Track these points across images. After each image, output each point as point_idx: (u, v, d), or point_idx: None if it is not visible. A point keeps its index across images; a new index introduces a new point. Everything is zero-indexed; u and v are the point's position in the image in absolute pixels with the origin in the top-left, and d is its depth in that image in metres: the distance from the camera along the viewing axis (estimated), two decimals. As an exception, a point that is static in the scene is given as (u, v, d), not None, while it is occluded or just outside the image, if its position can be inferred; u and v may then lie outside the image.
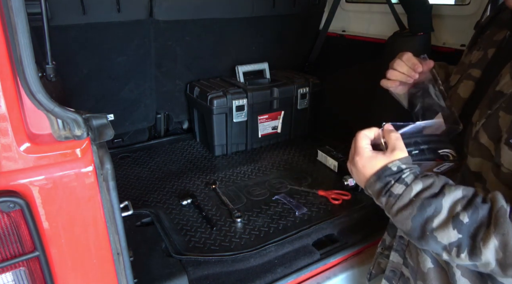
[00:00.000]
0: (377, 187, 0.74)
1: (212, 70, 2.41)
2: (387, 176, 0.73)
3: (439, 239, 0.68)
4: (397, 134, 0.77)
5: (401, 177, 0.72)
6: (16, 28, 0.63)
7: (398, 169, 0.73)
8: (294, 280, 1.40)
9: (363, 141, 0.78)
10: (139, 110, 2.27)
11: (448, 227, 0.67)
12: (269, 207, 1.74)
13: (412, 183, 0.71)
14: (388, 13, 2.18)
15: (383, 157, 0.75)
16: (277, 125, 2.38)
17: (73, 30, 1.83)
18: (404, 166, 0.73)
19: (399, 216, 0.72)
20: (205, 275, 1.35)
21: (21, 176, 0.72)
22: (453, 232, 0.66)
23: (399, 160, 0.73)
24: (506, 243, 0.62)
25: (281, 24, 2.45)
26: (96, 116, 0.78)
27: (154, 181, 1.98)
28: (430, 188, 0.70)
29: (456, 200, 0.68)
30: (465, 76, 0.91)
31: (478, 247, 0.65)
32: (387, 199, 0.73)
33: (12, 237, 0.74)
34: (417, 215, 0.69)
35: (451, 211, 0.68)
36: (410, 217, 0.70)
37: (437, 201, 0.69)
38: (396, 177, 0.72)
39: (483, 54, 0.90)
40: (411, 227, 0.71)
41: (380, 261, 1.17)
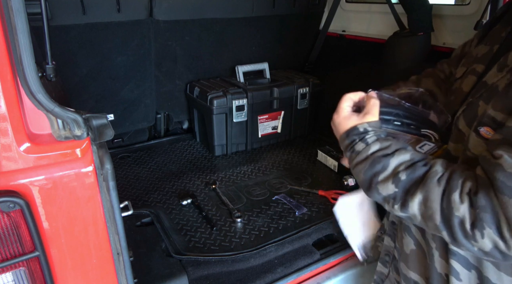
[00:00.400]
0: (345, 143, 0.86)
1: (212, 70, 2.41)
2: (354, 135, 0.84)
3: (380, 191, 0.79)
4: (376, 101, 0.87)
5: (364, 138, 0.83)
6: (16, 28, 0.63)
7: (364, 131, 0.83)
8: (294, 280, 1.40)
9: (345, 103, 0.90)
10: (139, 110, 2.27)
11: (388, 182, 0.78)
12: (269, 207, 1.74)
13: (371, 144, 0.82)
14: (388, 13, 2.18)
15: (356, 118, 0.86)
16: (277, 125, 2.37)
17: (73, 30, 1.83)
18: (370, 128, 0.83)
19: (355, 169, 0.84)
20: (205, 275, 1.35)
21: (21, 176, 0.72)
22: (391, 186, 0.77)
23: (367, 123, 0.84)
24: (427, 198, 0.72)
25: (281, 24, 2.45)
26: (96, 116, 0.78)
27: (154, 181, 1.98)
28: (385, 149, 0.80)
29: (402, 162, 0.78)
30: (470, 71, 0.93)
31: (407, 200, 0.75)
32: (350, 154, 0.85)
33: (12, 237, 0.74)
34: (367, 170, 0.81)
35: (394, 170, 0.78)
36: (363, 171, 0.82)
37: (386, 160, 0.79)
38: (360, 136, 0.83)
39: (488, 49, 0.91)
40: (363, 179, 0.82)
41: (378, 244, 1.21)
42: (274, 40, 2.51)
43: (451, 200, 0.70)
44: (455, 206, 0.69)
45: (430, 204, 0.72)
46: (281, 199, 1.79)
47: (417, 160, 0.78)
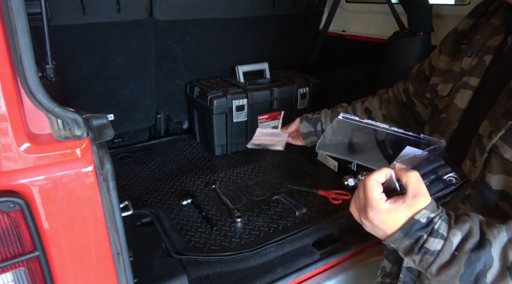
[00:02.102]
0: (406, 244, 0.65)
1: (212, 70, 2.41)
2: (417, 231, 0.64)
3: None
4: (416, 174, 0.67)
5: (433, 229, 0.63)
6: (16, 28, 0.63)
7: (428, 220, 0.63)
8: (294, 280, 1.40)
9: (375, 191, 0.68)
10: (139, 110, 2.27)
11: (505, 279, 0.60)
12: (269, 207, 1.74)
13: (449, 235, 0.63)
14: (388, 13, 2.18)
15: (405, 207, 0.65)
16: (277, 125, 2.37)
17: (73, 30, 1.83)
18: (433, 215, 0.64)
19: (442, 275, 0.63)
20: (205, 275, 1.35)
21: (21, 176, 0.72)
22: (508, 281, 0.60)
23: (425, 209, 0.64)
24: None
25: (281, 24, 2.45)
26: (96, 116, 0.78)
27: (154, 181, 1.98)
28: (471, 237, 0.62)
29: (505, 245, 0.61)
30: (461, 85, 0.87)
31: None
32: (421, 257, 0.64)
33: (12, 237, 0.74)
34: (465, 273, 0.61)
35: (504, 260, 0.60)
36: (458, 276, 0.62)
37: (485, 252, 0.60)
38: (428, 230, 0.63)
39: (477, 61, 0.86)
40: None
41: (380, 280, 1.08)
42: (274, 40, 2.51)
43: None
44: None
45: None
46: (281, 199, 1.79)
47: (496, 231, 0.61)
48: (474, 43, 0.90)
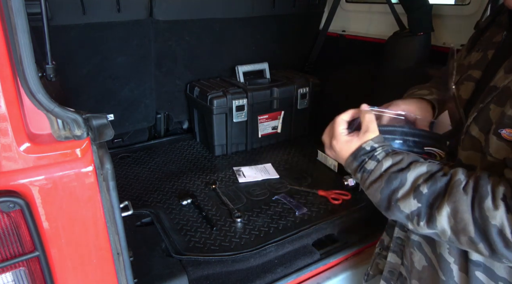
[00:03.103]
0: (354, 165, 0.83)
1: (212, 70, 2.41)
2: (362, 155, 0.81)
3: (401, 208, 0.75)
4: (371, 116, 0.84)
5: (373, 155, 0.80)
6: (16, 28, 0.63)
7: (371, 148, 0.81)
8: (294, 280, 1.40)
9: (340, 126, 0.87)
10: (139, 110, 2.27)
11: (410, 198, 0.74)
12: (269, 207, 1.74)
13: (383, 160, 0.79)
14: (388, 13, 2.18)
15: (357, 139, 0.83)
16: (277, 125, 2.37)
17: (73, 30, 1.83)
18: (376, 145, 0.81)
19: (370, 189, 0.80)
20: (205, 275, 1.35)
21: (21, 176, 0.72)
22: (414, 201, 0.73)
23: (371, 140, 0.81)
24: (456, 210, 0.68)
25: (281, 24, 2.45)
26: (96, 116, 0.78)
27: (154, 181, 1.98)
28: (398, 164, 0.77)
29: (420, 175, 0.75)
30: (466, 77, 0.92)
31: (433, 215, 0.71)
32: (361, 175, 0.82)
33: (12, 237, 0.74)
34: (384, 188, 0.77)
35: (414, 184, 0.74)
36: (379, 190, 0.78)
37: (402, 175, 0.76)
38: (369, 155, 0.81)
39: (482, 55, 0.91)
40: (380, 199, 0.78)
41: (378, 262, 1.17)
42: (274, 40, 2.51)
43: (484, 208, 0.65)
44: (490, 214, 0.65)
45: (461, 215, 0.68)
46: (281, 199, 1.79)
47: (435, 171, 0.75)
48: (484, 39, 0.95)
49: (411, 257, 0.97)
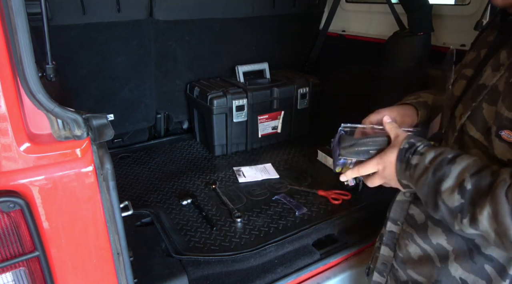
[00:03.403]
0: (402, 167, 0.80)
1: (212, 70, 2.41)
2: (403, 156, 0.80)
3: (446, 202, 0.72)
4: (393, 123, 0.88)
5: (415, 150, 0.79)
6: (16, 28, 0.63)
7: (410, 145, 0.80)
8: (294, 280, 1.40)
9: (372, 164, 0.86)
10: (139, 110, 2.27)
11: (454, 192, 0.70)
12: (269, 207, 1.74)
13: (425, 152, 0.77)
14: (388, 13, 2.18)
15: (391, 148, 0.82)
16: (277, 125, 2.37)
17: (73, 30, 1.83)
18: (413, 140, 0.80)
19: (418, 185, 0.76)
20: (205, 275, 1.35)
21: (21, 176, 0.72)
22: (457, 196, 0.70)
23: (405, 139, 0.81)
24: (497, 212, 0.64)
25: (281, 24, 2.45)
26: (96, 116, 0.78)
27: (154, 181, 1.98)
28: (442, 155, 0.75)
29: (464, 168, 0.71)
30: (460, 76, 0.94)
31: (476, 214, 0.67)
32: (409, 173, 0.78)
33: (12, 237, 0.74)
34: (430, 180, 0.74)
35: (459, 178, 0.71)
36: (426, 183, 0.75)
37: (447, 167, 0.73)
38: (411, 151, 0.79)
39: (476, 54, 0.92)
40: (427, 193, 0.75)
41: (377, 255, 1.19)
42: (274, 40, 2.51)
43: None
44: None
45: (502, 219, 0.64)
46: (281, 199, 1.79)
47: (481, 166, 0.71)
48: (481, 39, 0.96)
49: (407, 248, 0.97)
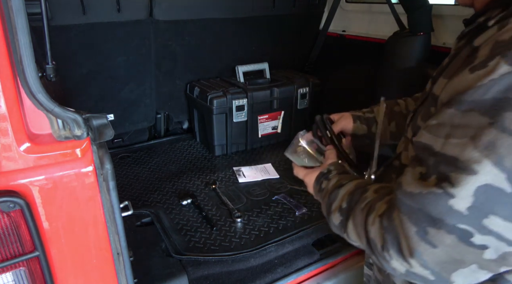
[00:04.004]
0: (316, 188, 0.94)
1: (212, 70, 2.41)
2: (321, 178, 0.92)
3: (333, 221, 0.82)
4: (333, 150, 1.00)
5: (328, 176, 0.90)
6: (16, 28, 0.63)
7: (328, 171, 0.92)
8: (294, 280, 1.40)
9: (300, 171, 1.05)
10: (139, 110, 2.27)
11: (337, 211, 0.80)
12: (269, 207, 1.74)
13: (331, 178, 0.89)
14: (388, 13, 2.18)
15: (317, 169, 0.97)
16: (277, 125, 2.37)
17: (73, 30, 1.83)
18: (332, 167, 0.92)
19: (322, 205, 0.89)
20: (205, 275, 1.35)
21: (21, 176, 0.72)
22: (338, 214, 0.80)
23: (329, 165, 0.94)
24: (356, 224, 0.73)
25: (281, 24, 2.45)
26: (96, 116, 0.78)
27: (154, 181, 1.98)
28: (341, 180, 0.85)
29: (347, 190, 0.81)
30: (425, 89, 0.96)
31: (347, 227, 0.77)
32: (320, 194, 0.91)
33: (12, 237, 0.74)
34: (327, 203, 0.85)
35: (341, 199, 0.80)
36: (325, 205, 0.86)
37: (337, 190, 0.83)
38: (325, 176, 0.91)
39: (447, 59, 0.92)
40: (326, 213, 0.86)
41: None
42: (274, 40, 2.51)
43: (367, 223, 0.69)
44: (368, 228, 0.68)
45: (357, 229, 0.72)
46: (281, 199, 1.79)
47: (358, 187, 0.79)
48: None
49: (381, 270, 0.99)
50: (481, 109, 0.54)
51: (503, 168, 0.52)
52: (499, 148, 0.52)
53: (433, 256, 0.59)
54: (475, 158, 0.54)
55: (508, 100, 0.52)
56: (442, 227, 0.57)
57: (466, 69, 0.59)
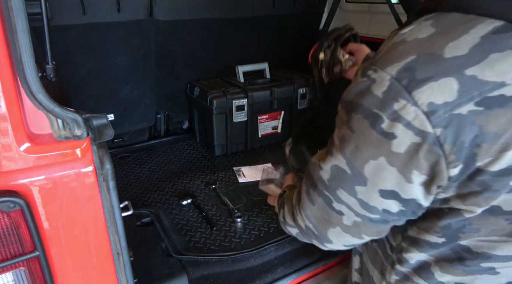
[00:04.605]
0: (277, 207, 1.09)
1: (212, 70, 2.41)
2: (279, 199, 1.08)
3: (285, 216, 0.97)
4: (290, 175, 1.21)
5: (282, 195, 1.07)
6: (16, 28, 0.63)
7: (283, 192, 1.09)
8: (294, 280, 1.40)
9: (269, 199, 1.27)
10: (139, 110, 2.27)
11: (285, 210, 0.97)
12: (269, 207, 1.73)
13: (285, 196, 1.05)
14: (388, 13, 2.18)
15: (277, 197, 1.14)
16: (277, 125, 2.37)
17: (73, 30, 1.83)
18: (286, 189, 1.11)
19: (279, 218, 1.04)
20: (205, 275, 1.35)
21: (21, 176, 0.72)
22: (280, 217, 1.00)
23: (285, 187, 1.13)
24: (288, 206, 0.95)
25: (281, 24, 2.45)
26: (96, 116, 0.78)
27: (154, 181, 1.98)
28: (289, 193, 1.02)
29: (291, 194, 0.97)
30: None
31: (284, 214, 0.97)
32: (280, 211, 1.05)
33: (12, 237, 0.74)
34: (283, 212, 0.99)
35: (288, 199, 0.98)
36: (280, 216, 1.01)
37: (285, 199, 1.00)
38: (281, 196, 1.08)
39: None
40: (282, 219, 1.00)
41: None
42: (274, 40, 2.51)
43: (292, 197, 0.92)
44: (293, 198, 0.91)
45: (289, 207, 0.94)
46: (281, 199, 1.79)
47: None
48: None
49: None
50: (344, 108, 0.67)
51: (344, 155, 0.67)
52: (345, 140, 0.66)
53: (312, 212, 0.79)
54: (335, 145, 0.70)
55: (354, 104, 0.64)
56: (316, 190, 0.76)
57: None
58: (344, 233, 0.76)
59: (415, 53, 0.57)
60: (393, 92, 0.58)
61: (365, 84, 0.62)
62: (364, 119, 0.62)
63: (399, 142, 0.59)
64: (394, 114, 0.58)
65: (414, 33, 0.60)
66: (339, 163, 0.68)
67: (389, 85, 0.58)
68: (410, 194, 0.64)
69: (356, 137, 0.64)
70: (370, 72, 0.62)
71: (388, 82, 0.58)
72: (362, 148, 0.64)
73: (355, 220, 0.72)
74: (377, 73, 0.61)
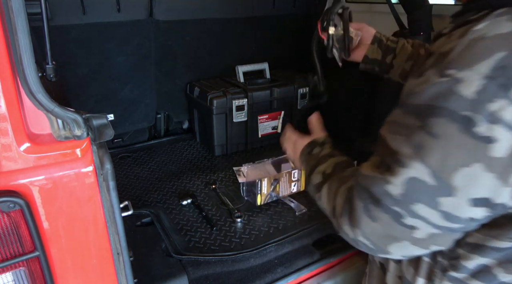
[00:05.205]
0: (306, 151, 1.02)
1: (212, 70, 2.41)
2: (314, 144, 1.01)
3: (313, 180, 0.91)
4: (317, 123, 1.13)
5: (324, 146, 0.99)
6: (16, 28, 0.63)
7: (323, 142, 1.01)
8: (294, 280, 1.40)
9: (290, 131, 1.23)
10: (139, 110, 2.27)
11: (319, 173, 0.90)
12: (269, 207, 1.74)
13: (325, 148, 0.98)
14: (388, 13, 2.18)
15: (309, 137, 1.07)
16: (277, 125, 2.37)
17: (73, 30, 1.83)
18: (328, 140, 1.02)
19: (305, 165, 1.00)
20: (205, 275, 1.35)
21: (21, 176, 0.72)
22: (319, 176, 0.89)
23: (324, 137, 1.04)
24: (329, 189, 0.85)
25: (281, 24, 2.44)
26: (96, 116, 0.78)
27: (154, 181, 1.98)
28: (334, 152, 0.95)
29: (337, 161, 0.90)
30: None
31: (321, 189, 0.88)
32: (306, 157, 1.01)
33: (12, 237, 0.74)
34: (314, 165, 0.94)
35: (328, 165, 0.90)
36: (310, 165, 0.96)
37: (328, 158, 0.92)
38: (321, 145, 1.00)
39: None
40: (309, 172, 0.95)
41: None
42: (274, 40, 2.51)
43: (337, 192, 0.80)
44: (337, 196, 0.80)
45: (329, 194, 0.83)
46: (281, 199, 1.79)
47: (347, 162, 0.89)
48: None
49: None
50: (415, 113, 0.62)
51: (426, 164, 0.60)
52: (425, 148, 0.60)
53: (372, 229, 0.69)
54: (407, 154, 0.62)
55: (433, 107, 0.59)
56: (380, 206, 0.66)
57: (416, 73, 0.66)
58: (411, 246, 0.69)
59: (506, 49, 0.54)
60: (487, 92, 0.54)
61: (446, 84, 0.58)
62: (450, 123, 0.57)
63: (499, 145, 0.55)
64: (491, 116, 0.54)
65: (493, 29, 0.57)
66: (418, 175, 0.61)
67: (482, 85, 0.54)
68: (502, 198, 0.59)
69: (442, 144, 0.58)
70: (452, 71, 0.57)
71: (479, 81, 0.55)
72: (450, 155, 0.58)
73: (432, 233, 0.65)
74: (462, 72, 0.56)
